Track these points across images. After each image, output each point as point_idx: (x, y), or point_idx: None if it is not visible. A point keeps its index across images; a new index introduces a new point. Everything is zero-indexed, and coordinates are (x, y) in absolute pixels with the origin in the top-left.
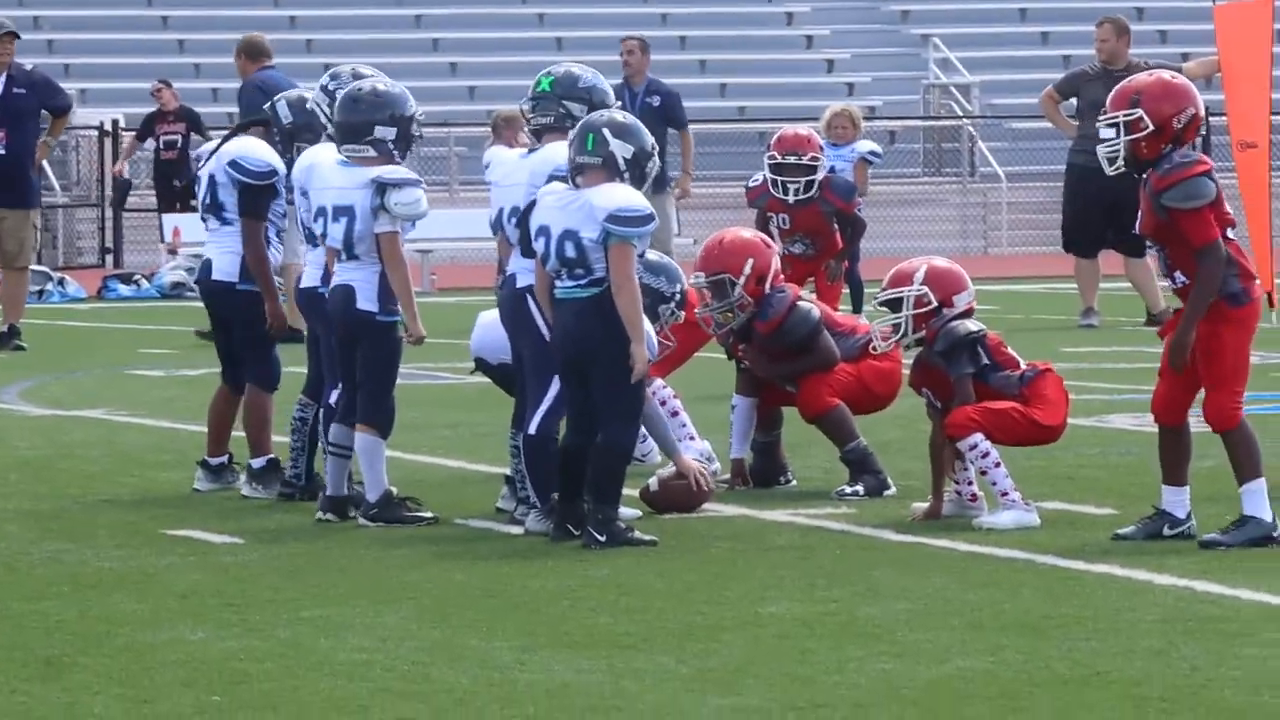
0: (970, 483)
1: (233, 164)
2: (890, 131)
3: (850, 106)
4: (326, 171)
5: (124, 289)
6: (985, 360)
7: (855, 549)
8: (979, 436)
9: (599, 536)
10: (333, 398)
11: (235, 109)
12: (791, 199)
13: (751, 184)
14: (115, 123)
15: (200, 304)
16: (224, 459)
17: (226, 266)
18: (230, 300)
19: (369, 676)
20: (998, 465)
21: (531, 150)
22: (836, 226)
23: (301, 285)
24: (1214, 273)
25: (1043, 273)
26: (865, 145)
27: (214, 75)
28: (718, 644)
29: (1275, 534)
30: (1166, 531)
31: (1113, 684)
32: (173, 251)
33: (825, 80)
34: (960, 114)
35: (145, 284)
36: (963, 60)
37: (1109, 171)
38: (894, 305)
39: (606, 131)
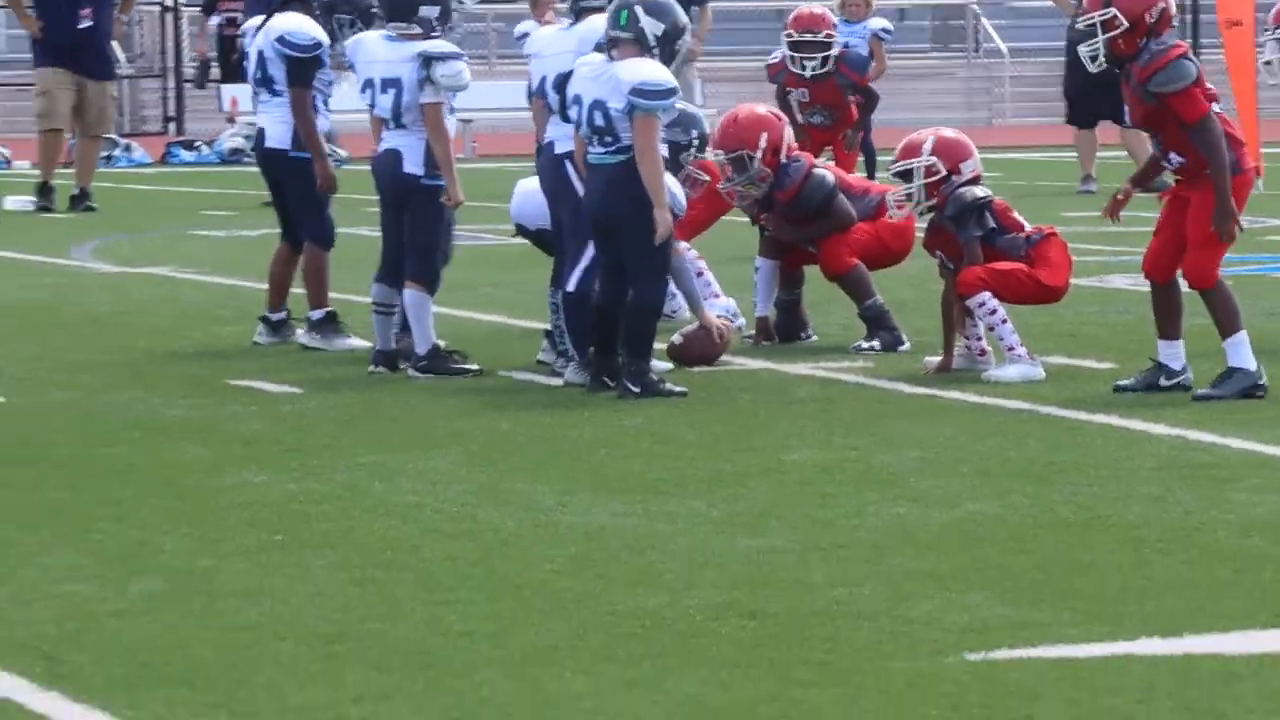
0: (979, 338)
1: (280, 39)
2: (899, 9)
3: None
4: (373, 45)
5: (186, 154)
6: (992, 224)
7: (871, 401)
8: (987, 295)
9: (633, 388)
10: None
11: None
12: (809, 74)
13: (770, 61)
14: None
15: (256, 169)
16: (283, 314)
17: (279, 135)
18: (283, 166)
19: (420, 518)
20: (1005, 322)
21: (572, 24)
22: (852, 99)
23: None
24: (1216, 142)
25: (1044, 142)
26: (877, 22)
27: None
28: (744, 489)
29: (1261, 381)
30: (1163, 383)
31: (1112, 527)
32: (231, 120)
33: None
34: None
35: (206, 150)
36: None
37: (1092, 69)
38: (905, 175)
39: (639, 9)
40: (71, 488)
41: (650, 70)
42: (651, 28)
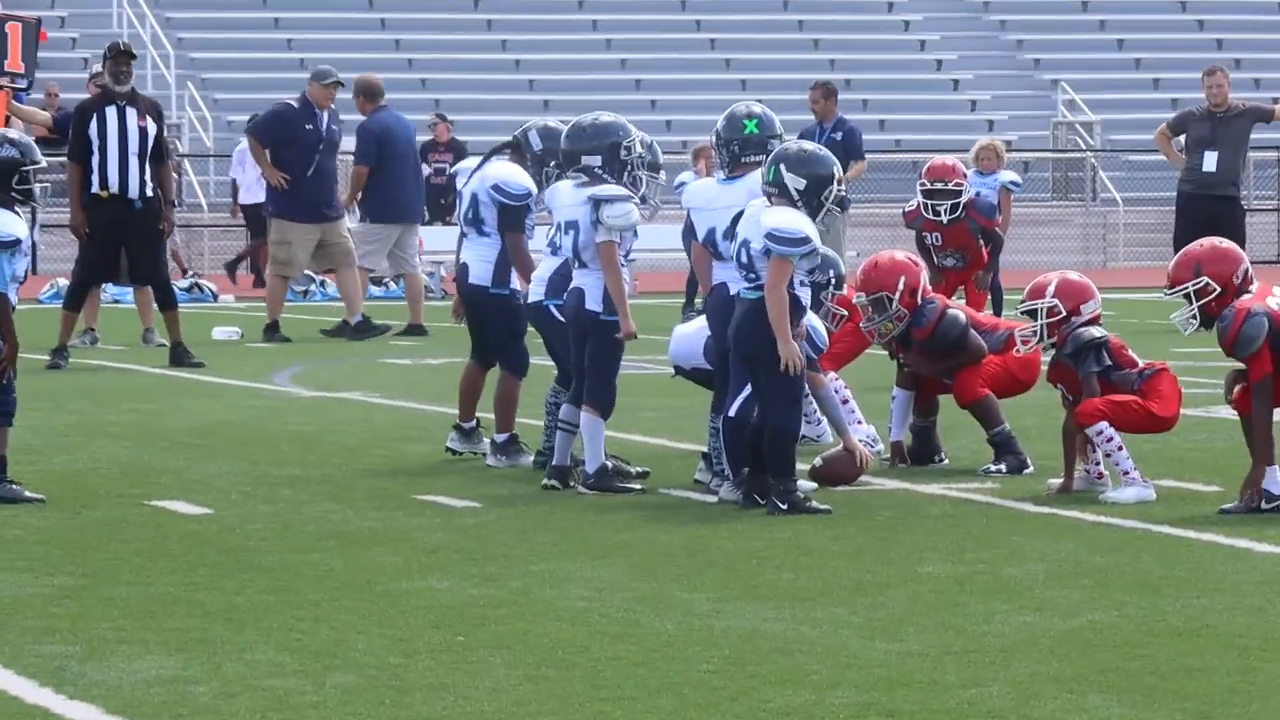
0: (1097, 463)
1: (495, 186)
2: (1024, 162)
3: (995, 141)
4: (562, 191)
5: (375, 290)
6: (1108, 361)
7: (999, 518)
8: (1104, 424)
9: (781, 505)
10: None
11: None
12: (944, 219)
13: (907, 208)
14: None
15: (440, 302)
16: (473, 423)
17: (480, 272)
18: (483, 301)
19: (588, 621)
20: (1120, 448)
21: (730, 178)
22: (981, 242)
23: (529, 300)
24: (1264, 416)
25: (1154, 284)
26: (1007, 175)
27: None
28: (883, 597)
29: None
30: (1263, 506)
31: (1219, 635)
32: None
33: (968, 117)
34: (1084, 147)
35: (393, 286)
36: (1086, 101)
37: (1185, 334)
38: (1032, 314)
39: (783, 166)
40: (274, 591)
41: (788, 219)
42: (793, 182)
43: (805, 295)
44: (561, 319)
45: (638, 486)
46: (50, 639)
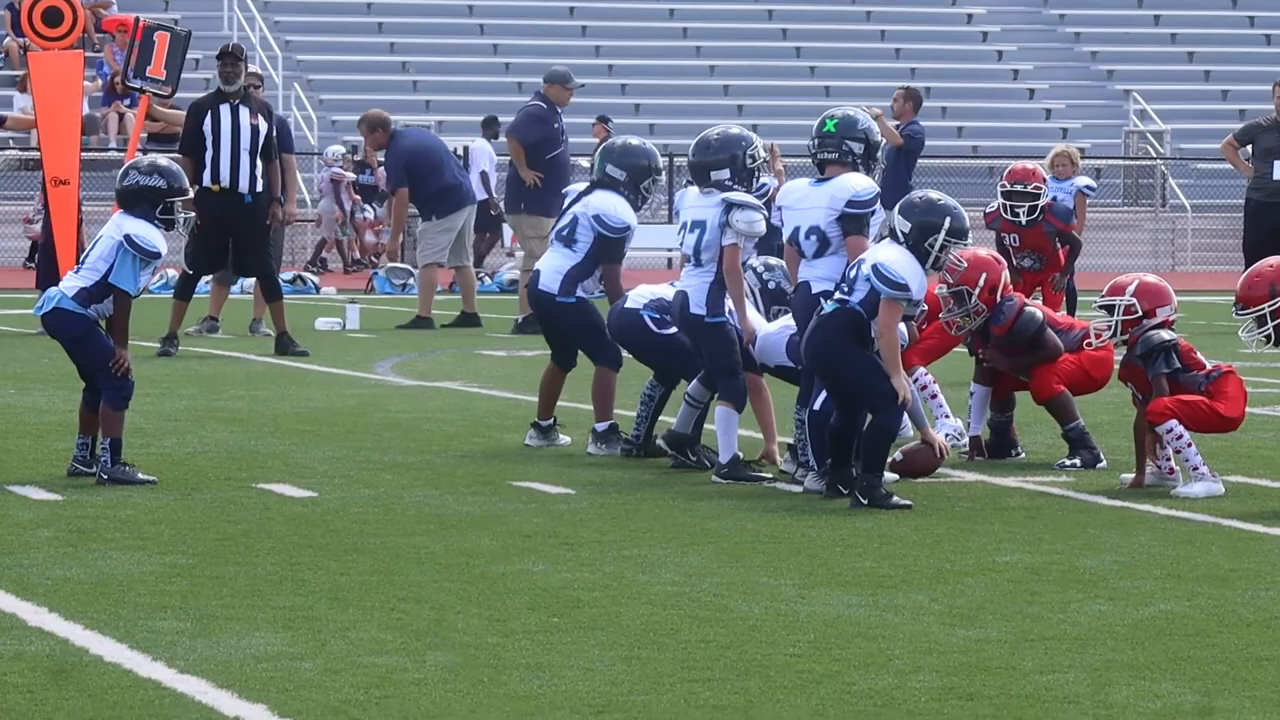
0: (1168, 459)
1: (596, 217)
2: (1096, 169)
3: (1070, 147)
4: (692, 195)
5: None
6: (1177, 364)
7: (1074, 511)
8: (1174, 422)
9: (862, 500)
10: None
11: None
12: (1023, 220)
13: (987, 210)
14: (465, 149)
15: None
16: (550, 421)
17: (549, 281)
18: (550, 308)
19: (678, 605)
20: (1190, 445)
21: (819, 180)
22: (1058, 244)
23: (626, 305)
24: None
25: (1221, 288)
26: (1083, 180)
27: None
28: (962, 586)
29: None
30: None
31: None
32: (511, 254)
33: (1043, 125)
34: (1154, 155)
35: (488, 280)
36: (1157, 111)
37: (1252, 349)
38: (1109, 309)
39: (899, 216)
40: (376, 571)
41: (892, 257)
42: (900, 225)
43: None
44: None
45: (768, 475)
46: (162, 615)
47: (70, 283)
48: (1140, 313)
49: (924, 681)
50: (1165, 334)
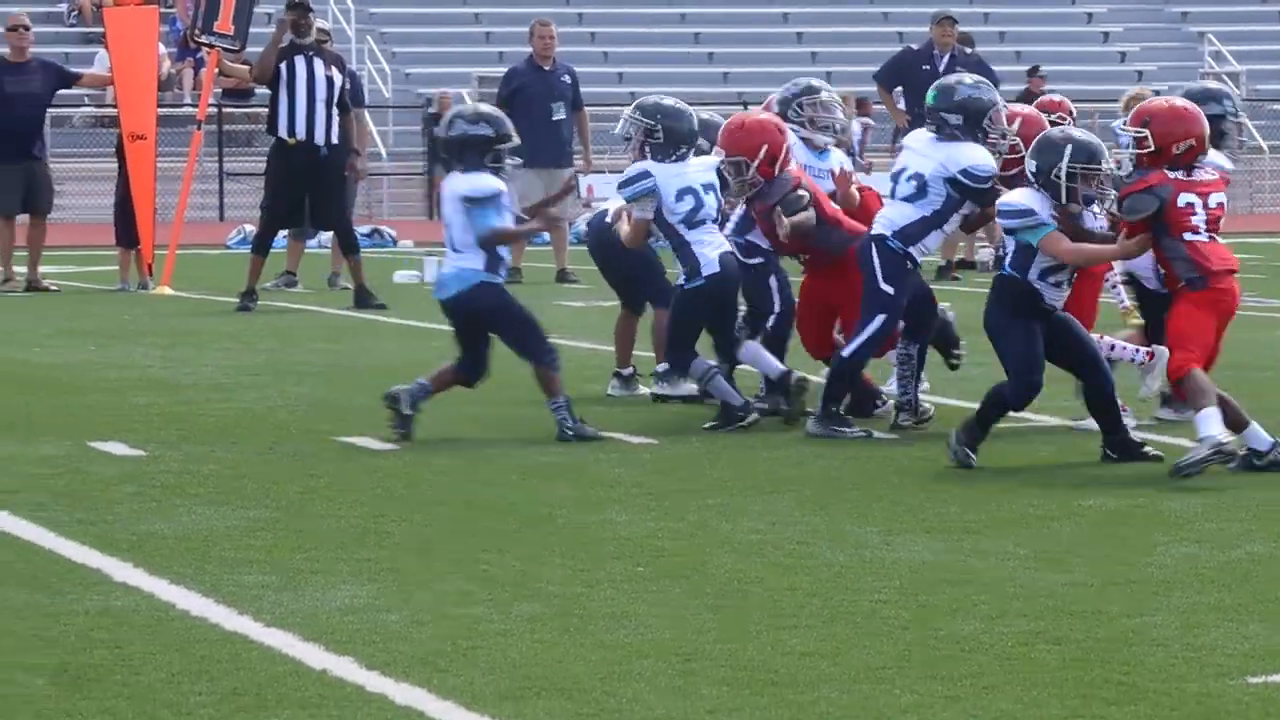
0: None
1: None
2: None
3: (1144, 90)
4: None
5: (547, 235)
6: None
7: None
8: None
9: (957, 455)
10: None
11: None
12: None
13: None
14: None
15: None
16: (630, 370)
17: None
18: (605, 245)
19: (762, 553)
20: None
21: (939, 138)
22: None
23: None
24: None
25: None
26: None
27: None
28: (1047, 530)
29: None
30: None
31: None
32: (587, 205)
33: (1118, 68)
34: None
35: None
36: (1232, 53)
37: None
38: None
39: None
40: (459, 522)
41: (1012, 195)
42: (1029, 167)
43: (1048, 291)
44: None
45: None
46: (247, 569)
47: (458, 264)
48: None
49: (1011, 626)
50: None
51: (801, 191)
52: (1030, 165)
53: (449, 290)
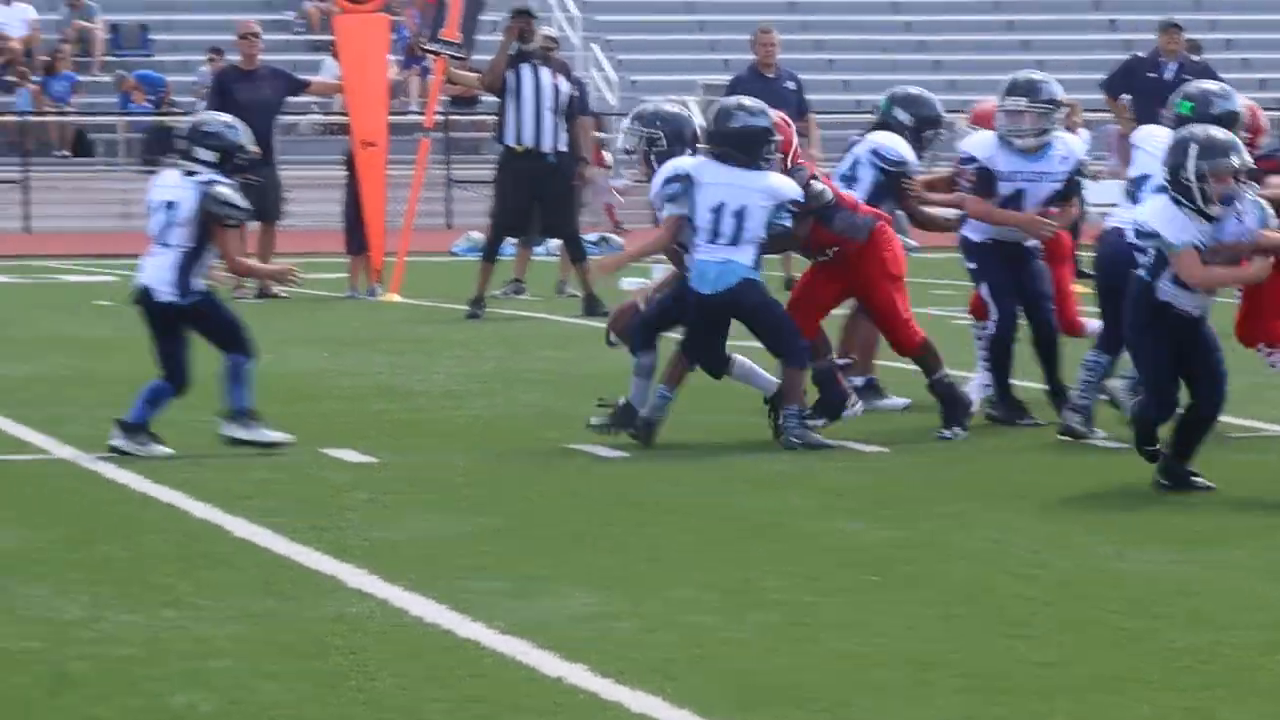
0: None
1: (874, 151)
2: None
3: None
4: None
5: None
6: None
7: None
8: None
9: (1163, 482)
10: None
11: None
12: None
13: None
14: None
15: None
16: (869, 377)
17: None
18: None
19: (994, 561)
20: None
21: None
22: None
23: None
24: None
25: None
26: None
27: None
28: (1277, 540)
29: None
30: None
31: None
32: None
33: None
34: None
35: None
36: None
37: None
38: None
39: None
40: (689, 530)
41: (1146, 209)
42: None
43: (1170, 292)
44: None
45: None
46: (479, 576)
47: (725, 256)
48: None
49: (1244, 637)
50: None
51: (817, 183)
52: (1163, 172)
53: (712, 283)
